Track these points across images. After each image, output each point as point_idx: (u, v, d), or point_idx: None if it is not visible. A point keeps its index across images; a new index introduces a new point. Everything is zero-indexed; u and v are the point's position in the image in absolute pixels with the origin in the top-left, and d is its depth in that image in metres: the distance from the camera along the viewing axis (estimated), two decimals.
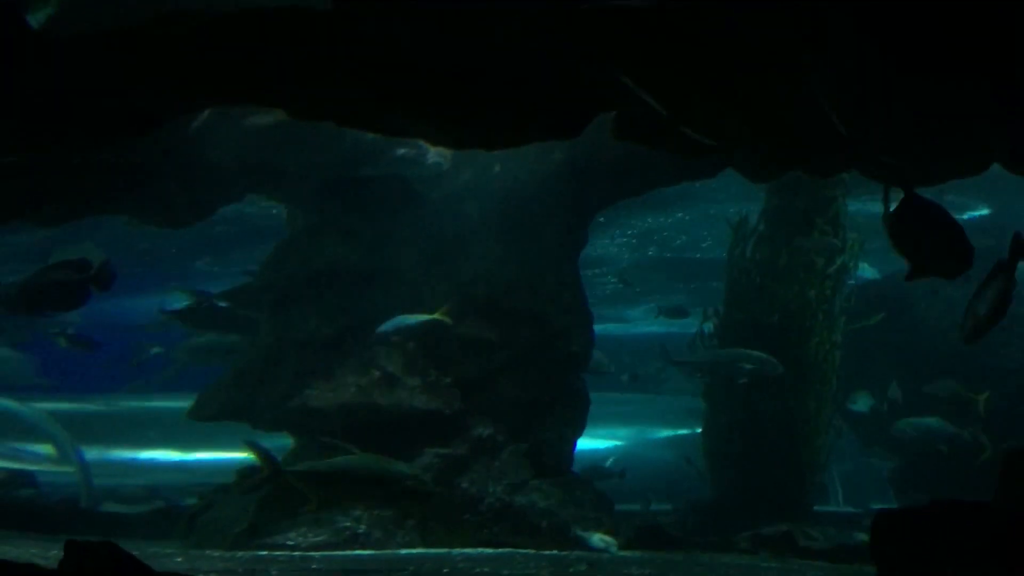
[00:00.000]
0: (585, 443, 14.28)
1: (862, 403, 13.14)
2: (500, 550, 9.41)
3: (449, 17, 6.45)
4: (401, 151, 9.44)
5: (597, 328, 11.10)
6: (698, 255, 16.69)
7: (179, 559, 7.94)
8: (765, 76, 6.72)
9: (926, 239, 6.83)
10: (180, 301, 11.80)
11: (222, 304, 11.18)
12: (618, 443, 16.90)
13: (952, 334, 13.56)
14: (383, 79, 6.68)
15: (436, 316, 9.49)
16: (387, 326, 9.21)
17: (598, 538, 9.71)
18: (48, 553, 6.92)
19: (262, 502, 9.00)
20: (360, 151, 9.34)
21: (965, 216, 16.45)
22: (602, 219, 13.82)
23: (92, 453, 13.59)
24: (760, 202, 12.40)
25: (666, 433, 16.72)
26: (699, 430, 12.53)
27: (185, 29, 6.10)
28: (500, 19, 6.50)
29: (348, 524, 9.01)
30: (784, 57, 6.45)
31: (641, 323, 19.94)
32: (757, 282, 12.13)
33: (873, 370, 13.69)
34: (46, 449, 13.92)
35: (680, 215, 15.43)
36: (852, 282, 14.62)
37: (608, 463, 14.94)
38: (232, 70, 6.28)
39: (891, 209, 7.09)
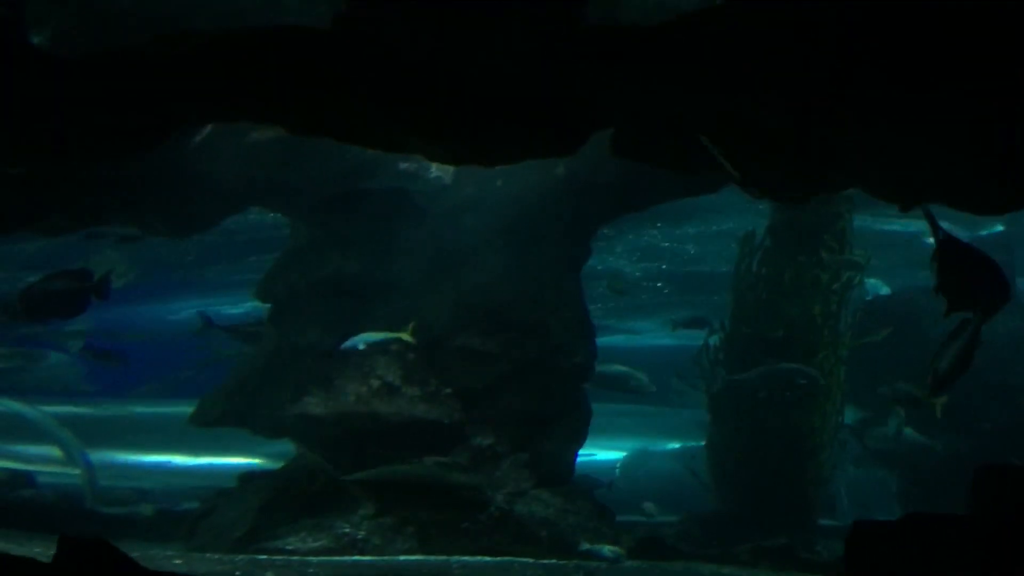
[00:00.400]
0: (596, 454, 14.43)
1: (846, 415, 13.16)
2: (499, 558, 9.53)
3: (448, 35, 6.62)
4: (403, 165, 9.63)
5: (605, 340, 11.22)
6: (706, 269, 16.78)
7: (178, 560, 8.14)
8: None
9: (968, 278, 6.98)
10: None
11: None
12: (623, 454, 17.02)
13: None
14: (381, 96, 6.86)
15: (400, 334, 9.66)
16: (351, 342, 9.41)
17: (609, 550, 9.85)
18: (50, 552, 7.12)
19: (263, 507, 9.20)
20: (362, 165, 9.54)
21: (981, 233, 16.41)
22: (610, 232, 13.97)
23: (98, 456, 13.89)
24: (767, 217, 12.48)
25: (674, 445, 16.82)
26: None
27: (185, 49, 6.31)
28: (499, 37, 6.67)
29: (348, 530, 9.18)
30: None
31: (650, 335, 20.03)
32: (763, 297, 12.21)
33: (881, 386, 13.67)
34: (51, 451, 14.22)
35: (689, 229, 15.55)
36: (869, 298, 14.71)
37: (617, 471, 15.04)
38: (231, 88, 6.49)
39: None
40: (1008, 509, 5.54)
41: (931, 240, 7.63)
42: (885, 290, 15.78)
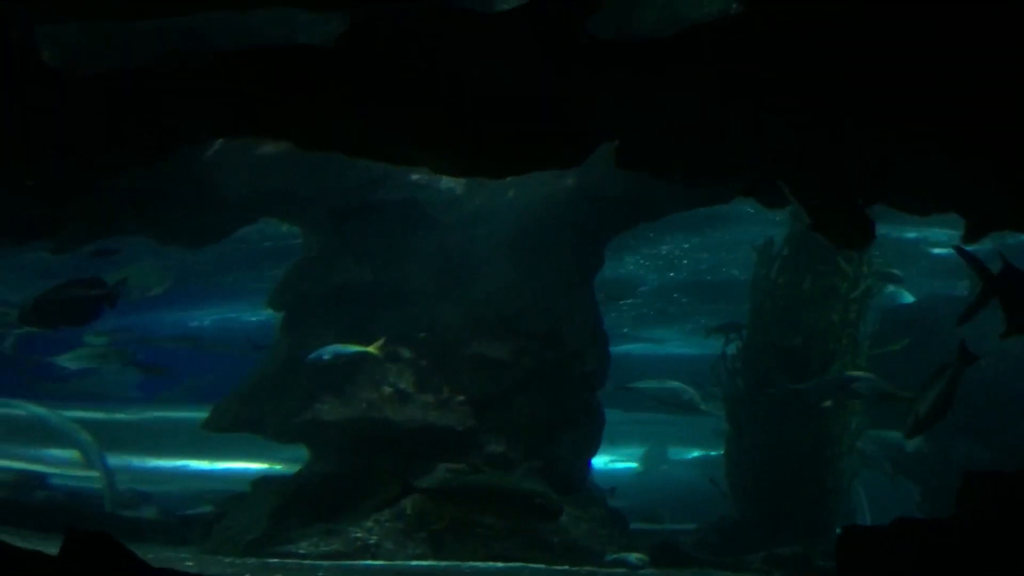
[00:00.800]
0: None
1: None
2: (511, 564, 9.63)
3: (453, 52, 6.77)
4: (414, 176, 9.79)
5: (628, 348, 11.29)
6: (725, 277, 16.80)
7: (190, 563, 8.34)
8: None
9: None
10: None
11: None
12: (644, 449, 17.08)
13: (981, 361, 13.55)
14: (386, 111, 7.01)
15: (368, 348, 9.84)
16: (318, 353, 9.62)
17: (636, 557, 9.98)
18: None
19: (276, 511, 9.39)
20: (373, 177, 9.71)
21: (1008, 241, 16.26)
22: (628, 240, 14.03)
23: (119, 460, 14.24)
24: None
25: (696, 453, 16.86)
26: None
27: (195, 66, 6.52)
28: (503, 51, 6.80)
29: (359, 535, 9.34)
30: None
31: (671, 344, 20.03)
32: (781, 305, 12.21)
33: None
34: (71, 454, 14.58)
35: (709, 237, 15.60)
36: (891, 306, 14.64)
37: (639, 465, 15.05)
38: (240, 104, 6.68)
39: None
40: (993, 514, 5.59)
41: (937, 251, 7.73)
42: (908, 298, 15.71)
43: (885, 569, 5.80)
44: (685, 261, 16.75)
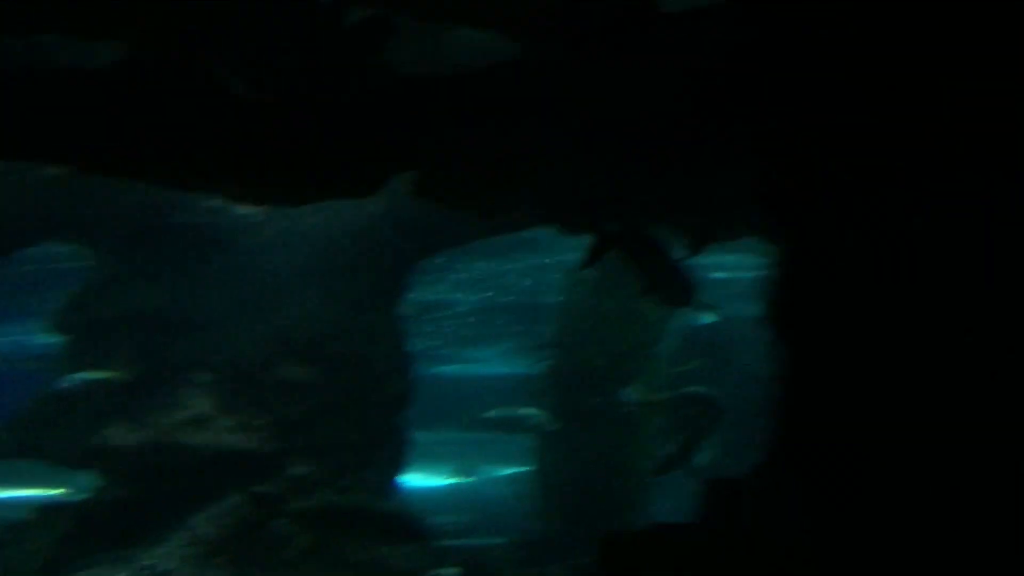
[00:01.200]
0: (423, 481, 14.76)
1: None
2: None
3: (247, 75, 6.84)
4: (210, 201, 9.77)
5: (444, 369, 11.54)
6: (540, 299, 17.32)
7: None
8: None
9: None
10: None
11: None
12: (460, 480, 17.43)
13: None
14: (176, 138, 7.01)
15: (105, 375, 9.90)
16: (62, 380, 9.68)
17: (452, 572, 10.20)
18: None
19: (61, 540, 9.18)
20: (166, 200, 9.64)
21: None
22: (441, 262, 14.30)
23: None
24: None
25: (508, 471, 17.28)
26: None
27: None
28: (296, 81, 6.92)
29: (150, 562, 9.24)
30: None
31: (488, 364, 20.46)
32: (586, 327, 12.77)
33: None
34: None
35: (522, 261, 16.08)
36: (692, 326, 15.40)
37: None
38: (13, 128, 6.57)
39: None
40: (723, 514, 6.12)
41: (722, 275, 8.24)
42: (711, 319, 16.50)
43: (639, 570, 6.26)
44: (498, 281, 17.18)
